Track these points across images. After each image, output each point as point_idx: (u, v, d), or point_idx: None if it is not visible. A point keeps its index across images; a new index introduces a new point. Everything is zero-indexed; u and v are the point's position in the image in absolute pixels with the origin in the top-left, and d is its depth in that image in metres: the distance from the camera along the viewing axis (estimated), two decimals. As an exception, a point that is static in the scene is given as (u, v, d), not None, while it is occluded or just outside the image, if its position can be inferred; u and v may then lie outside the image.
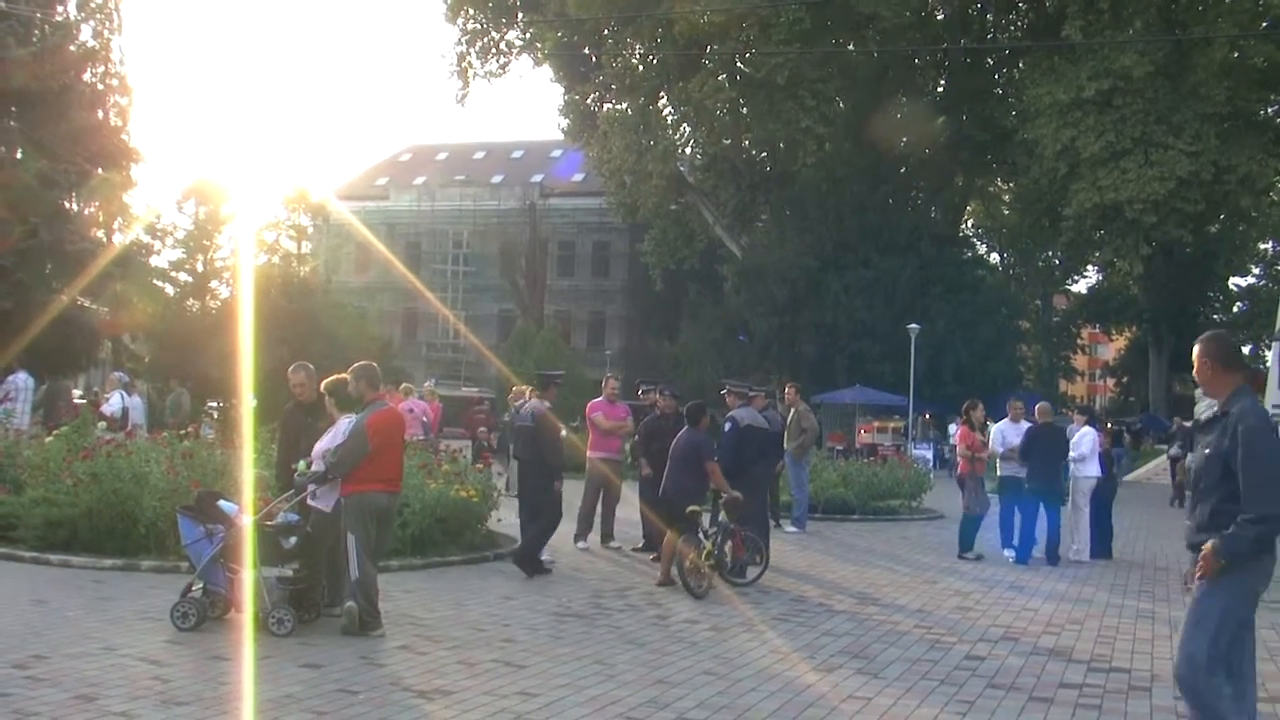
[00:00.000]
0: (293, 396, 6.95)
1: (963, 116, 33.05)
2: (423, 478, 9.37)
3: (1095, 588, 9.12)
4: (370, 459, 6.13)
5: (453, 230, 48.73)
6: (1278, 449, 3.56)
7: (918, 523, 14.55)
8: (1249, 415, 3.63)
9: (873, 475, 15.57)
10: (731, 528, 8.44)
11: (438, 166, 52.72)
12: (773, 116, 31.93)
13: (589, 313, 47.78)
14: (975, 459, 10.95)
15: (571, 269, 48.29)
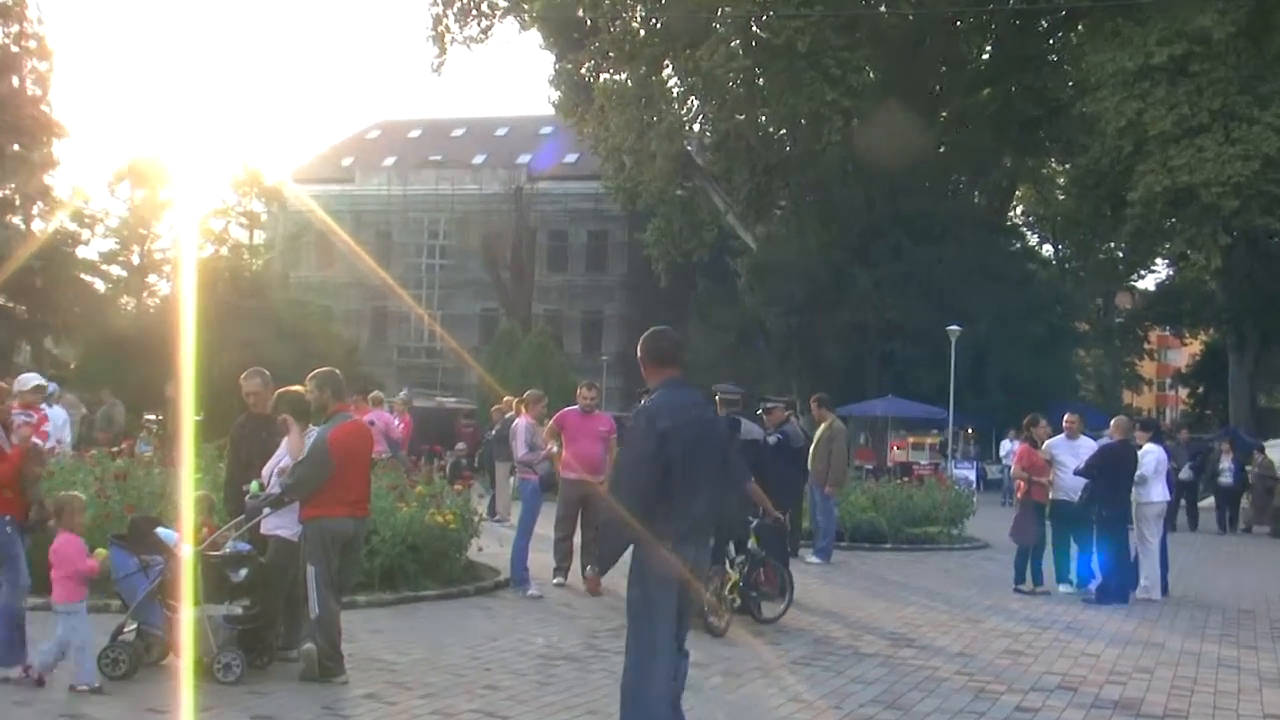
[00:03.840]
0: (245, 407, 6.96)
1: (1011, 88, 33.09)
2: (393, 500, 9.36)
3: (1168, 631, 9.01)
4: (333, 479, 6.12)
5: (428, 218, 48.94)
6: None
7: (959, 553, 14.53)
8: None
9: (907, 498, 15.56)
10: (763, 556, 8.52)
11: (410, 145, 52.90)
12: (793, 89, 31.94)
13: (583, 312, 47.90)
14: (1035, 483, 10.89)
15: (563, 262, 48.43)
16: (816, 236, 31.73)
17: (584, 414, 10.10)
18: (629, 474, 4.49)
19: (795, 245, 31.96)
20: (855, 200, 31.64)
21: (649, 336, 4.78)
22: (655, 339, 4.76)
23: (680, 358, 4.76)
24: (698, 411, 4.65)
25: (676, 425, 4.46)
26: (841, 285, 31.10)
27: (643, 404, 4.64)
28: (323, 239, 47.09)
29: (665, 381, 4.62)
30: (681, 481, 4.44)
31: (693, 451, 4.48)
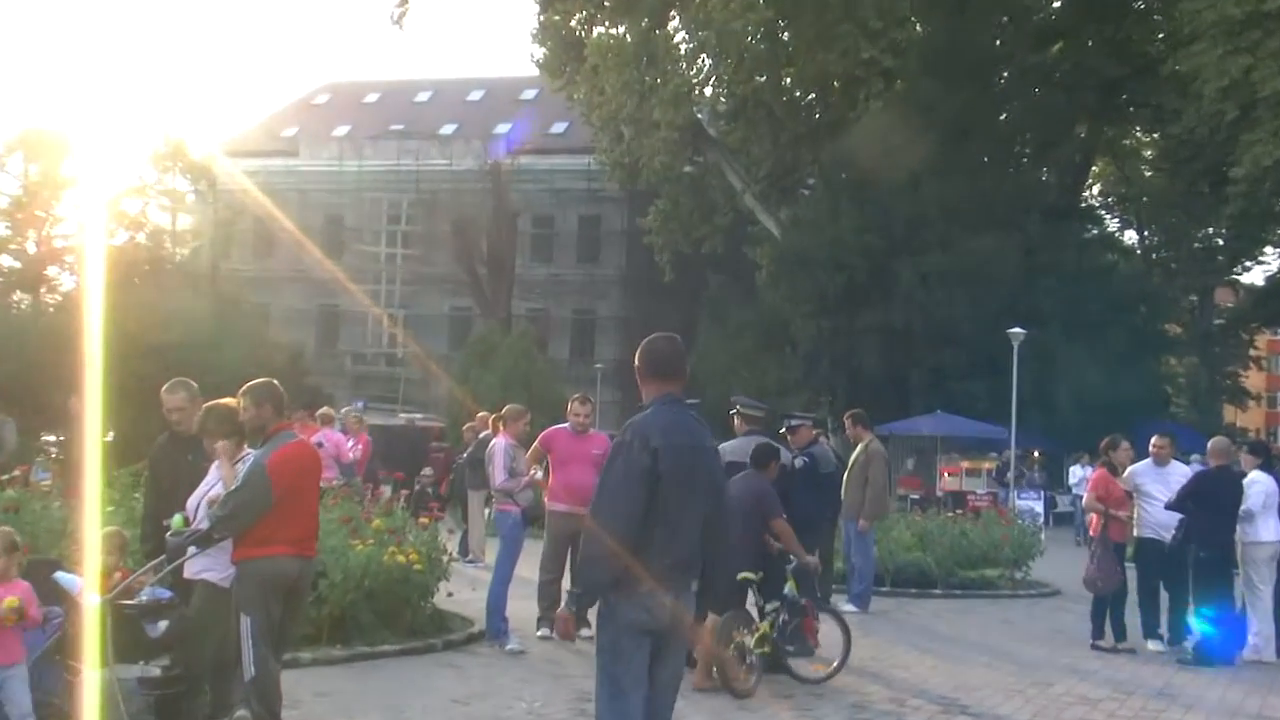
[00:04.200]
0: (166, 426, 6.96)
1: (1088, 42, 33.12)
2: (346, 537, 9.39)
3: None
4: (273, 511, 6.11)
5: (388, 200, 49.05)
6: None
7: (1024, 601, 14.53)
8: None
9: (960, 534, 15.58)
10: (803, 604, 8.59)
11: (366, 112, 53.08)
12: (823, 44, 32.01)
13: (573, 312, 48.02)
14: (1112, 518, 10.83)
15: (550, 253, 48.52)
16: (851, 222, 31.79)
17: (576, 434, 10.10)
18: (615, 494, 4.59)
19: (826, 232, 32.01)
20: (898, 178, 31.64)
21: (647, 344, 4.90)
22: (653, 347, 4.88)
23: (682, 372, 4.88)
24: (693, 439, 4.77)
25: (669, 447, 4.59)
26: (881, 280, 31.16)
27: (633, 419, 4.75)
28: (261, 224, 47.13)
29: (661, 398, 4.76)
30: (665, 513, 4.56)
31: (682, 481, 4.61)
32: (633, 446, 4.58)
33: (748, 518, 8.34)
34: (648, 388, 4.81)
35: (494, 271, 43.62)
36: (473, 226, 44.08)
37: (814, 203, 34.94)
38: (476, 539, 15.75)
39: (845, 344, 31.34)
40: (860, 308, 31.17)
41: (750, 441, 9.18)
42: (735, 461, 8.92)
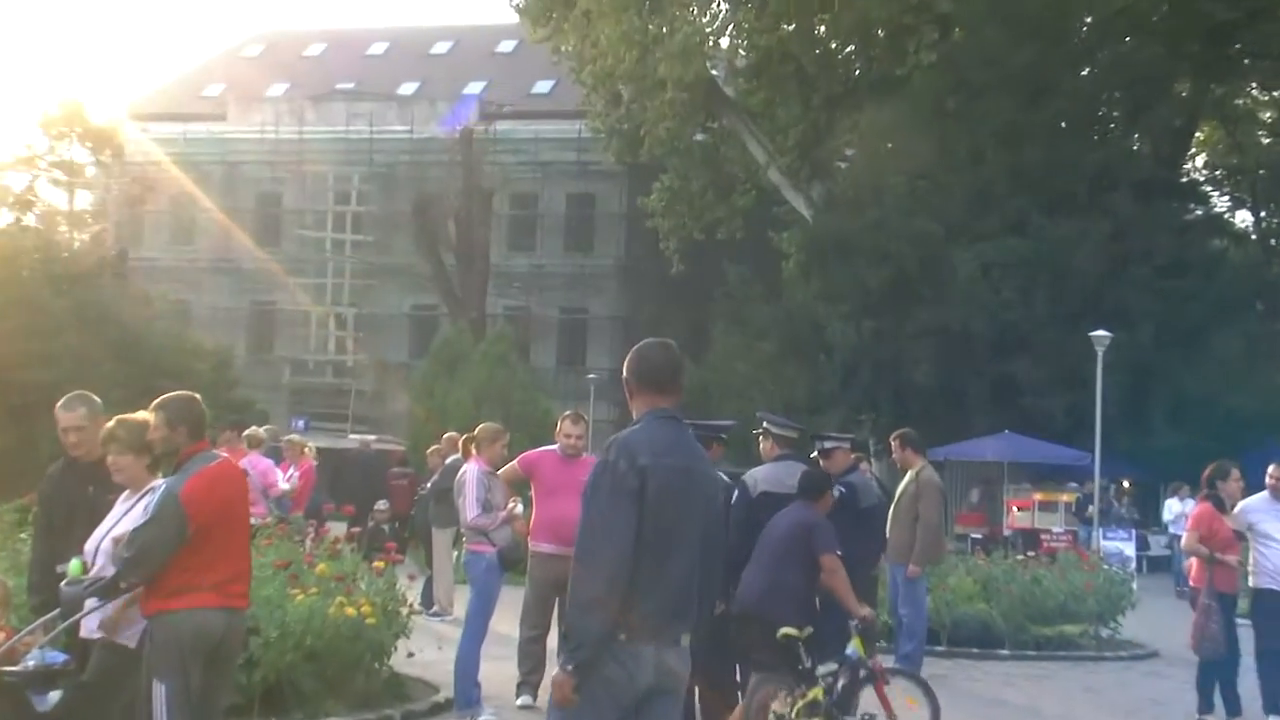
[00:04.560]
0: (61, 451, 6.95)
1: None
2: (283, 585, 9.39)
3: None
4: (191, 552, 6.08)
5: (334, 174, 49.05)
6: None
7: (1112, 665, 14.55)
8: None
9: (1033, 582, 15.58)
10: (871, 666, 8.63)
11: (308, 68, 53.16)
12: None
13: (561, 311, 48.09)
14: (1218, 562, 10.82)
15: (532, 239, 48.65)
16: (899, 201, 31.79)
17: (565, 459, 10.09)
18: (605, 524, 4.66)
19: (868, 214, 32.02)
20: (957, 149, 31.64)
21: (637, 351, 5.03)
22: (644, 354, 5.02)
23: (678, 383, 5.01)
24: (688, 460, 4.88)
25: (658, 467, 4.71)
26: (936, 272, 31.16)
27: (617, 435, 4.85)
28: (179, 204, 47.28)
29: (652, 413, 4.88)
30: (652, 547, 4.65)
31: (674, 508, 4.72)
32: (618, 466, 4.68)
33: (793, 558, 8.38)
34: (637, 402, 4.94)
35: (464, 262, 43.66)
36: (438, 207, 44.13)
37: (853, 178, 34.93)
38: (443, 587, 15.77)
39: (891, 350, 31.32)
40: (910, 306, 31.18)
41: (785, 468, 9.22)
42: (769, 492, 8.98)
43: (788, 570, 8.31)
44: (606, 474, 4.70)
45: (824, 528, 8.54)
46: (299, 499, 15.21)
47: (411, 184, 45.19)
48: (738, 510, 9.02)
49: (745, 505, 9.01)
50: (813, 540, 8.42)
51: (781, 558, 8.35)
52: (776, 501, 8.94)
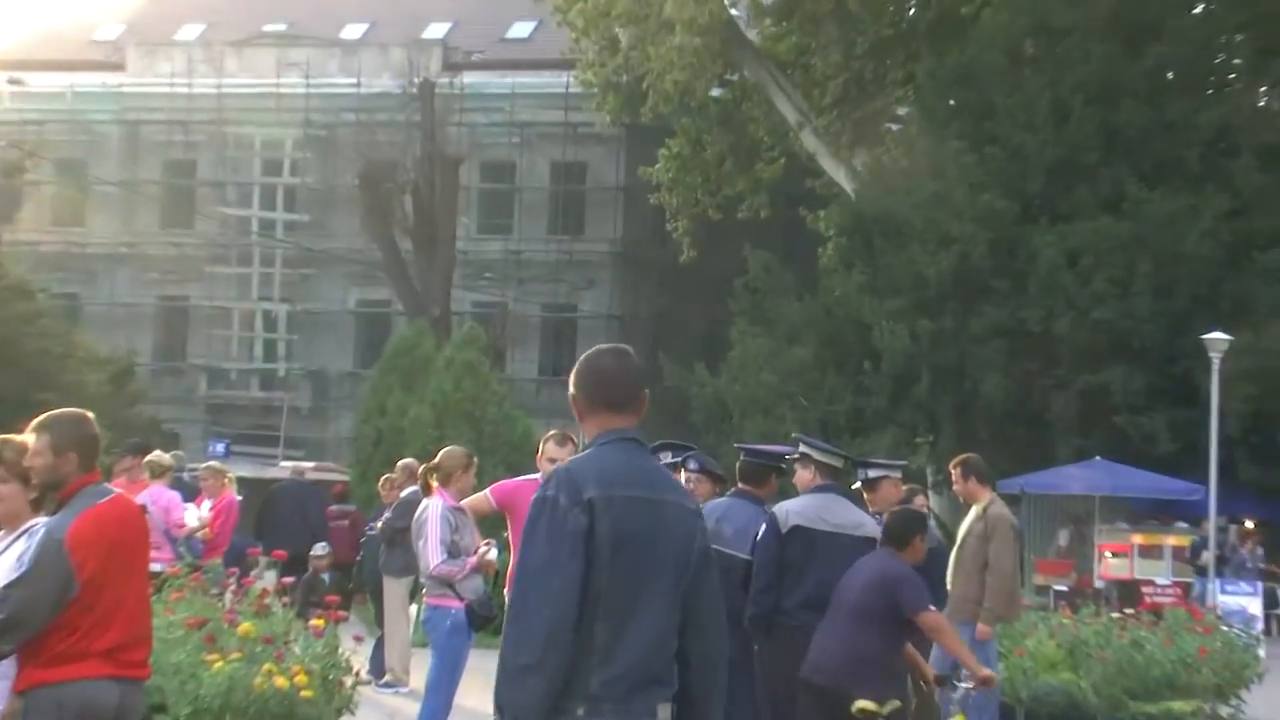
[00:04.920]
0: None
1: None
2: (198, 649, 9.37)
3: None
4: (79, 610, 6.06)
5: (261, 138, 49.19)
6: None
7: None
8: None
9: (1133, 647, 15.47)
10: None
11: (229, 6, 52.87)
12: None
13: (545, 308, 48.20)
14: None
15: (509, 218, 48.72)
16: (965, 171, 31.72)
17: None
18: (541, 575, 4.65)
19: (925, 188, 31.97)
20: (1036, 106, 31.58)
21: (586, 361, 5.06)
22: (594, 365, 5.05)
23: (638, 399, 5.00)
24: (652, 489, 4.86)
25: (611, 500, 4.68)
26: (1010, 259, 31.18)
27: (564, 463, 4.91)
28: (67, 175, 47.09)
29: (606, 435, 4.91)
30: (608, 600, 4.62)
31: (635, 551, 4.69)
32: (558, 502, 4.67)
33: (875, 618, 8.44)
34: (588, 423, 4.98)
35: (424, 248, 43.45)
36: (391, 179, 44.00)
37: (907, 143, 34.86)
38: (397, 650, 15.72)
39: (954, 355, 31.27)
40: (977, 300, 31.16)
41: (824, 501, 9.31)
42: (802, 527, 9.10)
43: (869, 633, 8.37)
44: (544, 512, 4.68)
45: (912, 582, 8.60)
46: (216, 541, 15.17)
47: (358, 150, 45.03)
48: (763, 549, 9.15)
49: (773, 542, 9.10)
50: (901, 596, 8.48)
51: (861, 618, 8.42)
52: (810, 539, 9.04)
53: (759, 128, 37.26)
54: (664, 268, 42.01)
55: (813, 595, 9.04)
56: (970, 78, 32.70)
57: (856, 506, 9.63)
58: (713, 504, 10.19)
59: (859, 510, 9.59)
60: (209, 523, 15.13)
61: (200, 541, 14.72)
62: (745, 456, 10.16)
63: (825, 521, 9.11)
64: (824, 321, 34.63)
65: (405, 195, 43.46)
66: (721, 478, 10.40)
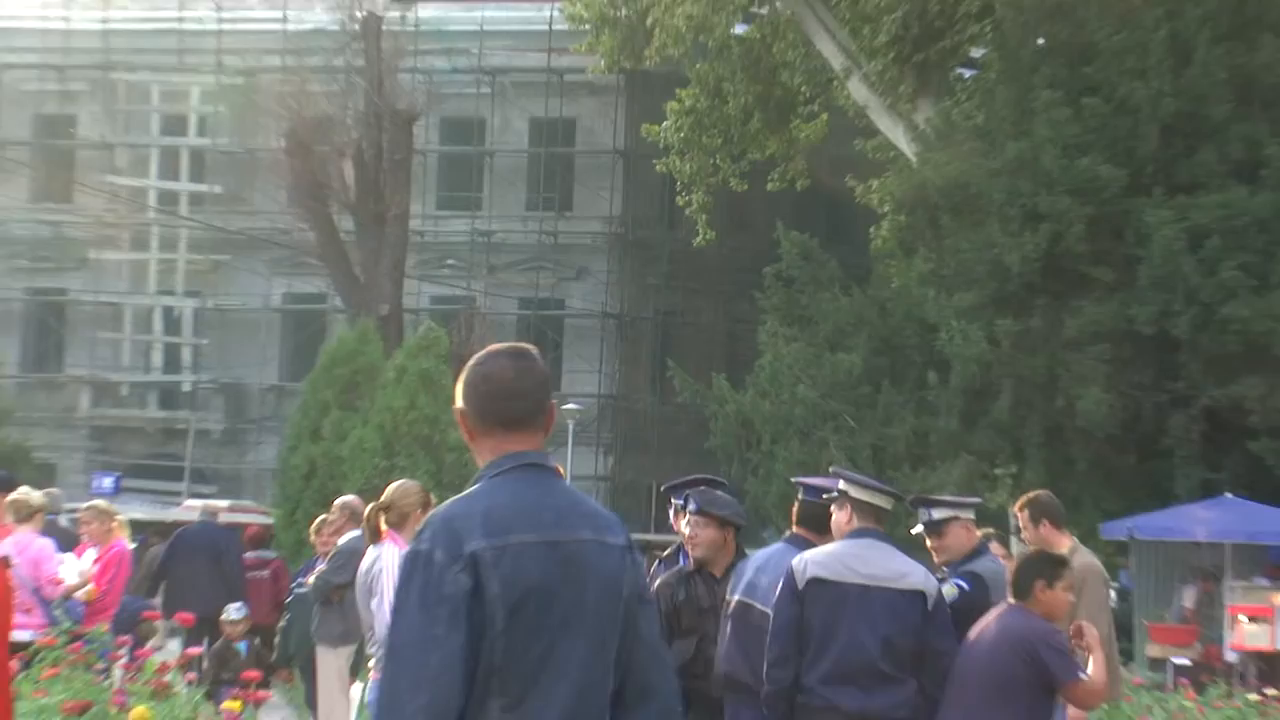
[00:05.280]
0: None
1: None
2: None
3: None
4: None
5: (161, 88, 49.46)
6: None
7: None
8: None
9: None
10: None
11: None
12: None
13: (523, 304, 48.61)
14: None
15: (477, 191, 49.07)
16: (1057, 130, 31.69)
17: None
18: (416, 652, 4.62)
19: (1006, 150, 31.94)
20: (1149, 45, 31.54)
21: (474, 367, 5.09)
22: (483, 372, 5.06)
23: (541, 414, 5.05)
24: (563, 532, 4.87)
25: (501, 554, 4.67)
26: (1115, 241, 31.22)
27: (438, 508, 4.90)
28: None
29: (500, 463, 4.93)
30: (510, 675, 4.64)
31: (538, 615, 4.70)
32: (432, 560, 4.65)
33: (1014, 692, 8.59)
34: (481, 447, 5.00)
35: (369, 227, 43.49)
36: (327, 140, 43.99)
37: (982, 94, 34.84)
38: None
39: (1043, 364, 31.26)
40: (1072, 294, 31.18)
41: (857, 549, 9.39)
42: (821, 579, 9.18)
43: (1013, 713, 8.60)
44: (416, 571, 4.66)
45: (1056, 643, 8.83)
46: (102, 602, 15.07)
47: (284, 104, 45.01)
48: (777, 610, 9.33)
49: (789, 601, 9.26)
50: (1044, 663, 8.65)
51: (995, 694, 8.60)
52: (835, 596, 9.18)
53: (794, 75, 37.20)
54: (674, 253, 42.12)
55: (842, 666, 9.14)
56: (1065, 9, 32.74)
57: (900, 553, 9.66)
58: (761, 552, 10.54)
59: (904, 558, 9.61)
60: (92, 578, 15.00)
61: (81, 603, 14.57)
62: (803, 495, 10.30)
63: (855, 572, 9.21)
64: (877, 321, 34.73)
65: (345, 161, 43.46)
66: (729, 521, 10.61)
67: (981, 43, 36.08)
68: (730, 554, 10.58)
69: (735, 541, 10.65)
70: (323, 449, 30.37)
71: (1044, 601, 8.87)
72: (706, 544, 10.48)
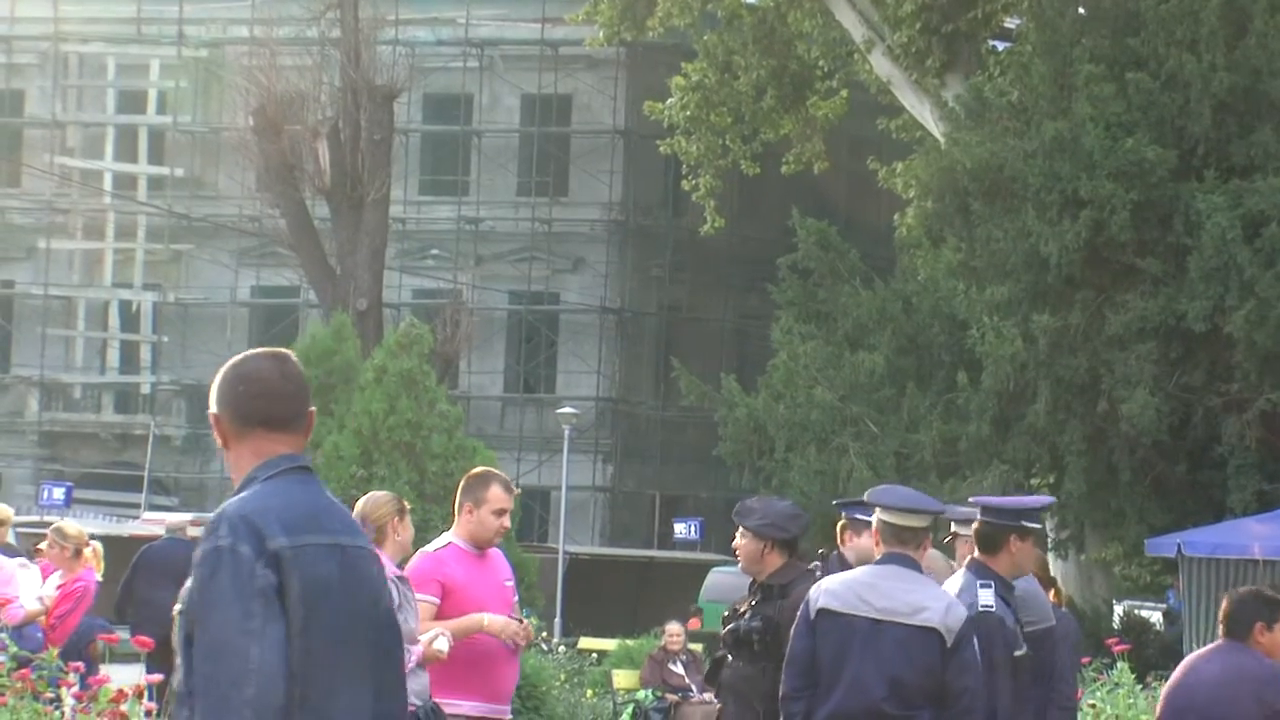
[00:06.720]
0: None
1: None
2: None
3: None
4: None
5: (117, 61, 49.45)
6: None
7: None
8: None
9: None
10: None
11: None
12: None
13: (514, 298, 48.58)
14: None
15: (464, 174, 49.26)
16: (1099, 108, 31.67)
17: (474, 551, 10.67)
18: (234, 649, 4.65)
19: (1043, 130, 31.90)
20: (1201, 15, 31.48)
21: (232, 367, 5.08)
22: (242, 372, 5.07)
23: (303, 418, 5.06)
24: (338, 535, 4.95)
25: (299, 553, 4.75)
26: (1162, 231, 31.25)
27: (224, 506, 4.90)
28: None
29: (273, 464, 4.97)
30: (303, 684, 4.68)
31: (328, 618, 4.78)
32: (239, 554, 4.68)
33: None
34: (239, 449, 5.00)
35: (345, 214, 43.50)
36: (299, 119, 43.97)
37: (1019, 68, 34.79)
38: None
39: (1084, 363, 31.28)
40: (1117, 288, 31.22)
41: (879, 576, 9.33)
42: (831, 611, 9.15)
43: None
44: (222, 567, 4.69)
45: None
46: (62, 625, 14.98)
47: (252, 80, 45.00)
48: (792, 643, 9.36)
49: (802, 633, 9.29)
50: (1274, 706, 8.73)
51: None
52: (844, 630, 9.15)
53: (811, 47, 37.15)
54: (678, 243, 42.06)
55: (845, 706, 9.16)
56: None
57: (928, 582, 9.58)
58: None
59: (928, 588, 9.48)
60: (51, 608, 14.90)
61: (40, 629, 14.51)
62: (982, 516, 10.24)
63: (868, 605, 9.15)
64: (901, 317, 34.66)
65: (319, 141, 43.46)
66: (761, 534, 10.71)
67: (1017, 11, 36.06)
68: (773, 566, 10.73)
69: (785, 554, 10.82)
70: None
71: (1264, 643, 8.94)
72: (745, 556, 10.65)
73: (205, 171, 47.38)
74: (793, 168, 37.76)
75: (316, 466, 24.19)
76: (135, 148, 48.72)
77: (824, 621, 9.18)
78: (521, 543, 31.94)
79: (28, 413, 47.71)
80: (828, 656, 9.15)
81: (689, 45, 37.68)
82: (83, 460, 46.18)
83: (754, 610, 10.77)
